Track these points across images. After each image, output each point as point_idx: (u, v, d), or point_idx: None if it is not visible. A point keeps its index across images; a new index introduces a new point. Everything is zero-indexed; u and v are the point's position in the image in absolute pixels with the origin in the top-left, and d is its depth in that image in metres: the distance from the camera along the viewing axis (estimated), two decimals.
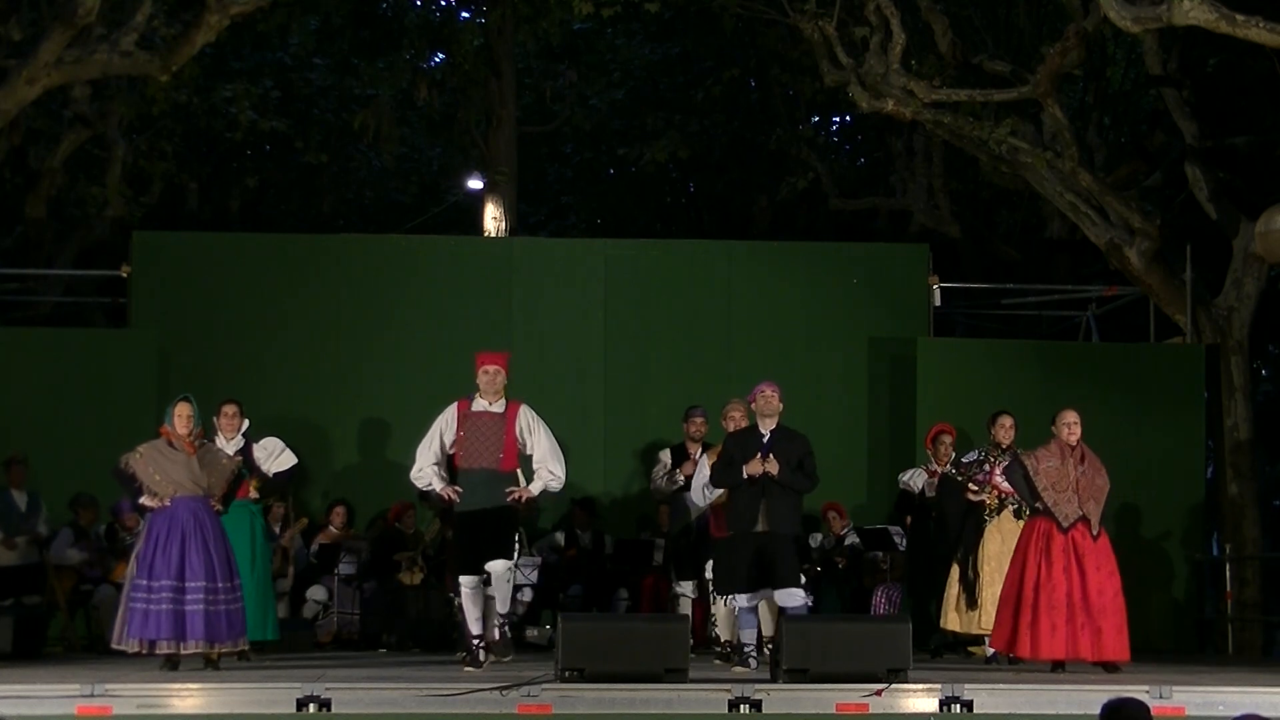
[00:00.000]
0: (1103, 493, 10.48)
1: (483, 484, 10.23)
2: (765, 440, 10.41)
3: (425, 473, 10.38)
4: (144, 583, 9.68)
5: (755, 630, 10.44)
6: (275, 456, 11.40)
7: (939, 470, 12.13)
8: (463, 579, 10.37)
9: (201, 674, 9.29)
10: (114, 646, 9.77)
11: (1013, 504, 11.18)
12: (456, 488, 10.27)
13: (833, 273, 15.15)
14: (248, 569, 10.79)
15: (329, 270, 14.76)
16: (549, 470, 10.32)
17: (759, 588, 10.31)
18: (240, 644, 10.03)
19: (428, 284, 14.78)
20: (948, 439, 12.36)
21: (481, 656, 10.27)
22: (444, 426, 10.38)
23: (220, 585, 9.82)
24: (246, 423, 11.34)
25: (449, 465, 10.47)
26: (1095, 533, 10.39)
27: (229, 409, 11.26)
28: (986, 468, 11.31)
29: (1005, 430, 11.38)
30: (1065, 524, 10.34)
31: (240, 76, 18.65)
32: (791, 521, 10.43)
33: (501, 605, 10.44)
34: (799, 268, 15.19)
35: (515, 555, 10.53)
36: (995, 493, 11.29)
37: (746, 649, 10.33)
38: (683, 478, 11.72)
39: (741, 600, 10.37)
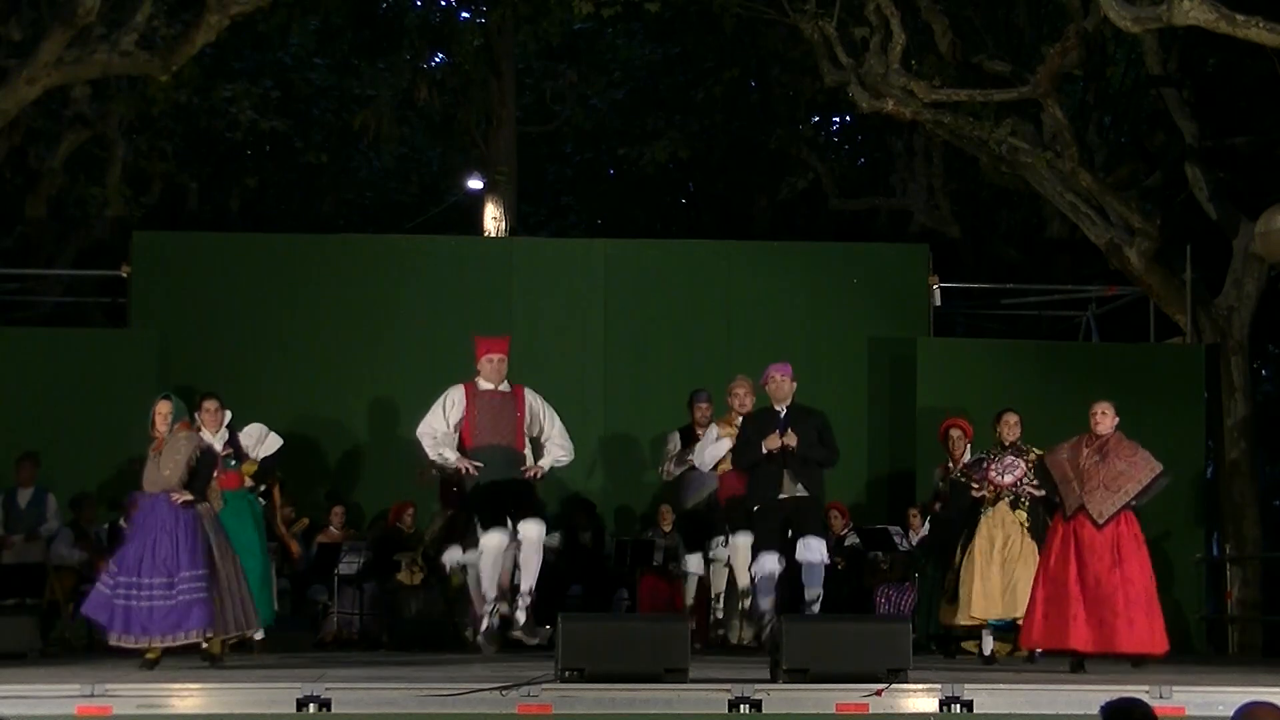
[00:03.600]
0: (1121, 480, 10.37)
1: (499, 458, 10.21)
2: (782, 417, 10.61)
3: (441, 445, 10.24)
4: (133, 579, 9.68)
5: (773, 598, 10.44)
6: (262, 441, 11.44)
7: (951, 467, 12.17)
8: (486, 537, 10.07)
9: (202, 674, 9.28)
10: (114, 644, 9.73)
11: (1009, 496, 11.20)
12: (476, 463, 10.17)
13: (833, 273, 15.15)
14: (254, 556, 10.84)
15: (329, 270, 14.76)
16: (558, 445, 10.44)
17: (786, 550, 10.37)
18: (204, 634, 9.87)
19: (428, 284, 14.78)
20: (956, 433, 12.35)
21: (497, 623, 10.16)
22: (449, 406, 10.33)
23: (181, 577, 9.67)
24: (229, 415, 11.34)
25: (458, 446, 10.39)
26: (1100, 521, 10.36)
27: (210, 404, 11.26)
28: (984, 465, 11.34)
29: (1010, 427, 11.37)
30: (1068, 514, 10.38)
31: (240, 76, 18.66)
32: (816, 485, 10.59)
33: (530, 576, 10.12)
34: (799, 268, 15.19)
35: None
36: (992, 487, 11.29)
37: (765, 617, 10.29)
38: (692, 459, 11.84)
39: (769, 561, 10.32)
